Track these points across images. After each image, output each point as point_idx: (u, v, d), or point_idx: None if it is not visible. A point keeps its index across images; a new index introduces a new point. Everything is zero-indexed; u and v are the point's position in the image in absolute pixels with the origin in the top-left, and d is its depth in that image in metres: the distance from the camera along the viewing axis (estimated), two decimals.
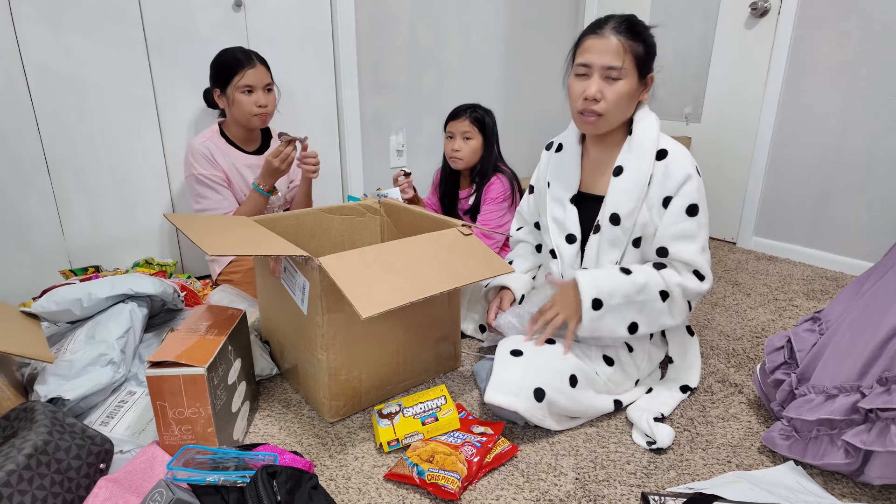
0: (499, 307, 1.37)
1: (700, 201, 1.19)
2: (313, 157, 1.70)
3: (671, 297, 1.18)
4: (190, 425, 1.01)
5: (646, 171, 1.19)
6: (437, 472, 1.00)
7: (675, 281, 1.17)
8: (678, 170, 1.18)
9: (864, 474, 1.00)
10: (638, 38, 1.15)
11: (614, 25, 1.15)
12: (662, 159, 1.20)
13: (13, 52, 1.58)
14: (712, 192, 2.52)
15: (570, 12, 2.92)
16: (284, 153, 1.61)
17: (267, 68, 1.71)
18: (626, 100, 1.17)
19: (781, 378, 1.16)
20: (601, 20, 1.17)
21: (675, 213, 1.18)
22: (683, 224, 1.18)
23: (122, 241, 1.88)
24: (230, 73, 1.65)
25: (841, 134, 2.10)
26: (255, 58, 1.68)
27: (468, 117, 1.81)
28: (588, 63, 1.16)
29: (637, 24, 1.17)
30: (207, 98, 1.82)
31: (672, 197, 1.18)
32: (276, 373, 1.40)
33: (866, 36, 1.98)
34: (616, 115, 1.18)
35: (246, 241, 1.20)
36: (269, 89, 1.71)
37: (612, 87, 1.15)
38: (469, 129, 1.80)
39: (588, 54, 1.16)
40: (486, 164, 1.83)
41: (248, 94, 1.67)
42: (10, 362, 1.20)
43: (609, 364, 1.23)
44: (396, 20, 2.30)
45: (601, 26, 1.16)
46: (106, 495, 0.87)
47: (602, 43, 1.14)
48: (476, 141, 1.81)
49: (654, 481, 1.05)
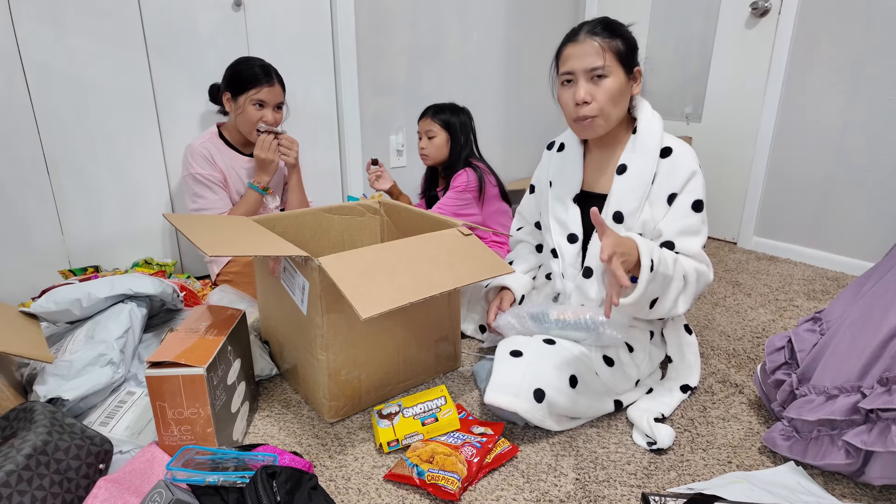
0: (499, 308, 1.37)
1: (704, 198, 1.20)
2: (287, 140, 1.73)
3: (687, 281, 1.17)
4: (189, 426, 1.01)
5: (650, 169, 1.20)
6: (437, 473, 1.00)
7: (693, 265, 1.18)
8: (683, 167, 1.19)
9: (864, 475, 0.99)
10: (615, 35, 1.16)
11: (588, 29, 1.16)
12: (667, 157, 1.20)
13: (13, 52, 1.58)
14: (713, 193, 2.52)
15: (570, 12, 2.92)
16: (267, 141, 1.66)
17: (283, 88, 1.73)
18: (617, 96, 1.17)
19: (782, 378, 1.15)
20: (575, 29, 1.19)
21: (681, 208, 1.19)
22: (689, 220, 1.19)
23: (121, 241, 1.88)
24: (247, 85, 1.67)
25: (841, 134, 2.10)
26: (275, 76, 1.70)
27: (430, 116, 1.88)
28: (571, 70, 1.17)
29: (612, 23, 1.18)
30: (212, 93, 1.82)
31: (678, 194, 1.19)
32: (275, 373, 1.40)
33: (866, 36, 1.98)
34: (611, 112, 1.18)
35: (245, 242, 1.19)
36: (279, 108, 1.73)
37: (599, 86, 1.16)
38: (431, 128, 1.87)
39: (569, 62, 1.17)
40: (453, 159, 1.88)
41: (258, 109, 1.68)
42: (9, 362, 1.19)
43: (609, 364, 1.23)
44: (396, 20, 2.30)
45: (576, 33, 1.18)
46: (105, 495, 0.87)
47: (580, 48, 1.16)
48: (439, 139, 1.87)
49: (654, 482, 1.05)
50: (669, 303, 1.16)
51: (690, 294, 1.18)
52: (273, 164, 1.70)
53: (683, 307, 1.19)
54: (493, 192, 1.89)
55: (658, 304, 1.15)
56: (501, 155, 2.88)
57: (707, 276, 1.20)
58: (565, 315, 1.26)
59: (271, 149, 1.68)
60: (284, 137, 1.72)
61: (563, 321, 1.25)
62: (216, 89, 1.79)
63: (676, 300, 1.16)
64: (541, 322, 1.26)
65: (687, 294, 1.18)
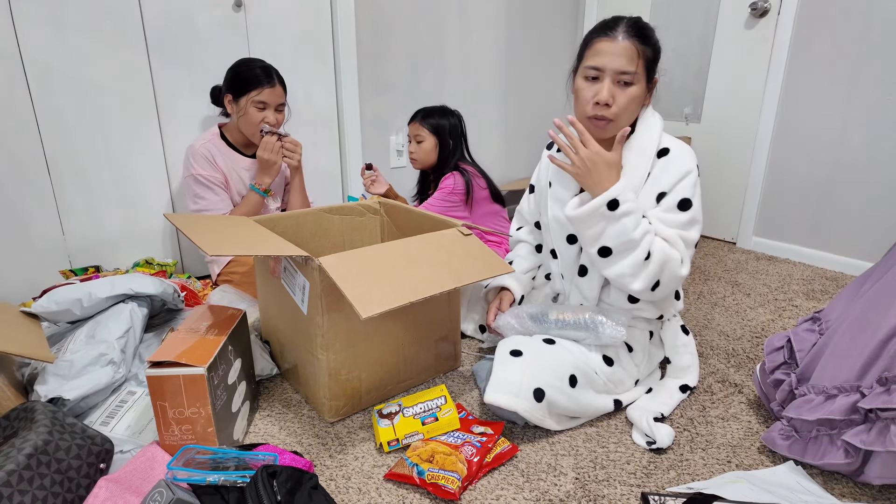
0: (498, 308, 1.37)
1: (694, 197, 1.17)
2: (291, 143, 1.73)
3: (651, 258, 1.13)
4: (190, 425, 1.01)
5: (644, 169, 1.19)
6: (437, 472, 1.00)
7: (662, 247, 1.14)
8: (677, 167, 1.17)
9: (863, 474, 1.00)
10: (648, 42, 1.14)
11: (626, 28, 1.12)
12: (663, 157, 1.19)
13: (13, 52, 1.58)
14: (712, 193, 2.52)
15: (570, 12, 2.92)
16: (270, 143, 1.66)
17: (284, 89, 1.73)
18: (636, 104, 1.16)
19: (781, 378, 1.16)
20: (611, 21, 1.15)
21: (666, 206, 1.17)
22: (672, 216, 1.16)
23: (122, 240, 1.88)
24: (249, 86, 1.67)
25: (841, 134, 2.10)
26: (276, 77, 1.70)
27: (419, 121, 1.89)
28: (600, 66, 1.13)
29: (646, 28, 1.15)
30: (213, 95, 1.83)
31: (666, 193, 1.17)
32: (276, 373, 1.40)
33: (866, 36, 1.98)
34: (625, 119, 1.17)
35: (246, 242, 1.20)
36: (281, 109, 1.73)
37: (624, 91, 1.13)
38: (420, 132, 1.88)
39: (600, 57, 1.13)
40: (441, 163, 1.89)
41: (259, 110, 1.68)
42: (10, 362, 1.20)
43: (609, 364, 1.23)
44: (396, 20, 2.30)
45: (612, 28, 1.13)
46: (106, 495, 0.87)
47: (615, 46, 1.12)
48: (428, 143, 1.88)
49: (653, 481, 1.05)
50: (625, 267, 1.13)
51: (650, 275, 1.14)
52: (276, 166, 1.71)
53: (639, 285, 1.14)
54: (482, 195, 1.89)
55: (611, 259, 1.13)
56: (501, 155, 2.88)
57: (674, 267, 1.14)
58: (565, 315, 1.26)
59: (274, 150, 1.68)
60: (289, 140, 1.73)
61: (562, 321, 1.25)
62: (217, 91, 1.79)
63: (636, 271, 1.13)
64: (540, 322, 1.26)
65: (647, 272, 1.13)
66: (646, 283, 1.15)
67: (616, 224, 1.11)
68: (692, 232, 1.18)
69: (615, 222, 1.11)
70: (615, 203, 1.10)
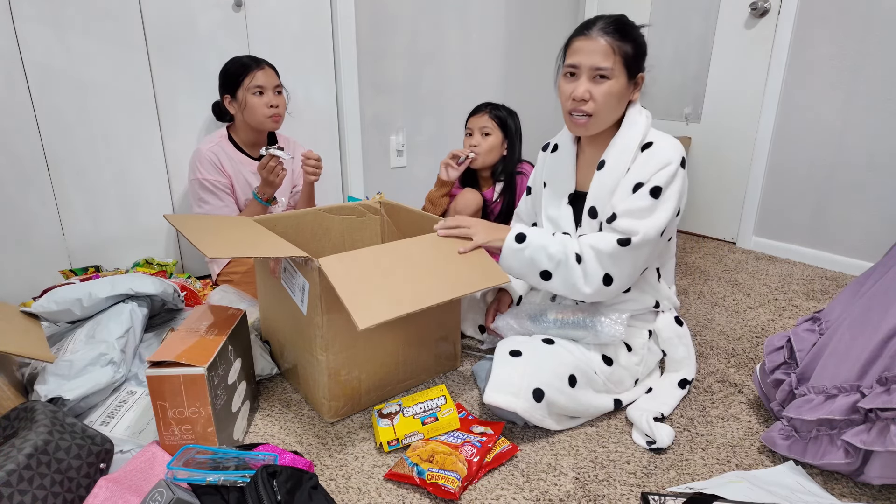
0: (496, 309, 1.37)
1: (668, 187, 1.15)
2: (314, 159, 1.68)
3: (584, 258, 1.17)
4: (190, 425, 1.01)
5: (625, 163, 1.19)
6: (437, 472, 1.00)
7: (589, 242, 1.17)
8: (657, 159, 1.16)
9: (863, 474, 1.00)
10: (627, 39, 1.15)
11: (602, 26, 1.15)
12: (646, 150, 1.19)
13: (13, 51, 1.59)
14: (712, 193, 2.52)
15: (570, 12, 2.92)
16: (269, 166, 1.59)
17: (275, 71, 1.73)
18: (615, 99, 1.17)
19: (781, 378, 1.16)
20: (590, 21, 1.18)
21: (639, 193, 1.16)
22: (641, 202, 1.15)
23: (122, 240, 1.88)
24: (239, 76, 1.67)
25: (841, 134, 2.10)
26: (265, 62, 1.71)
27: (488, 113, 1.76)
28: (576, 64, 1.16)
29: (626, 24, 1.17)
30: (216, 111, 1.83)
31: (643, 184, 1.16)
32: (276, 373, 1.40)
33: (866, 36, 1.98)
34: (606, 114, 1.18)
35: (245, 242, 1.20)
36: (279, 91, 1.73)
37: (600, 87, 1.15)
38: (488, 125, 1.74)
39: (576, 55, 1.16)
40: (509, 162, 1.79)
41: (259, 96, 1.68)
42: (10, 362, 1.20)
43: (608, 363, 1.24)
44: (396, 20, 2.30)
45: (589, 27, 1.16)
46: (106, 495, 0.87)
47: (590, 44, 1.15)
48: (495, 138, 1.75)
49: (653, 481, 1.05)
50: (567, 277, 1.19)
51: (593, 272, 1.17)
52: (275, 185, 1.65)
53: (590, 287, 1.17)
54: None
55: (554, 279, 1.20)
56: None
57: (614, 251, 1.14)
58: (563, 314, 1.26)
59: (273, 172, 1.61)
60: (311, 156, 1.67)
61: (561, 320, 1.25)
62: (217, 105, 1.80)
63: (576, 275, 1.18)
64: (539, 322, 1.27)
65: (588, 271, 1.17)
66: (595, 280, 1.17)
67: (534, 247, 1.20)
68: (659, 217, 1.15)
69: (532, 248, 1.20)
70: (521, 235, 1.21)
